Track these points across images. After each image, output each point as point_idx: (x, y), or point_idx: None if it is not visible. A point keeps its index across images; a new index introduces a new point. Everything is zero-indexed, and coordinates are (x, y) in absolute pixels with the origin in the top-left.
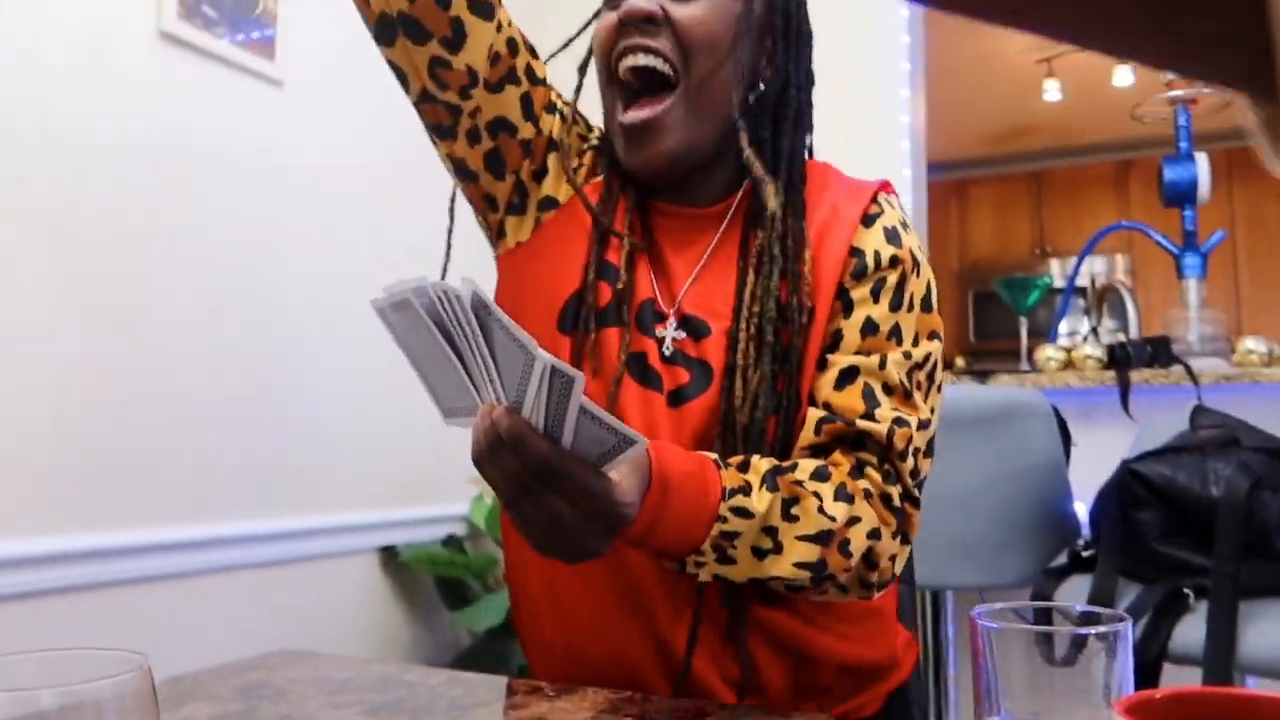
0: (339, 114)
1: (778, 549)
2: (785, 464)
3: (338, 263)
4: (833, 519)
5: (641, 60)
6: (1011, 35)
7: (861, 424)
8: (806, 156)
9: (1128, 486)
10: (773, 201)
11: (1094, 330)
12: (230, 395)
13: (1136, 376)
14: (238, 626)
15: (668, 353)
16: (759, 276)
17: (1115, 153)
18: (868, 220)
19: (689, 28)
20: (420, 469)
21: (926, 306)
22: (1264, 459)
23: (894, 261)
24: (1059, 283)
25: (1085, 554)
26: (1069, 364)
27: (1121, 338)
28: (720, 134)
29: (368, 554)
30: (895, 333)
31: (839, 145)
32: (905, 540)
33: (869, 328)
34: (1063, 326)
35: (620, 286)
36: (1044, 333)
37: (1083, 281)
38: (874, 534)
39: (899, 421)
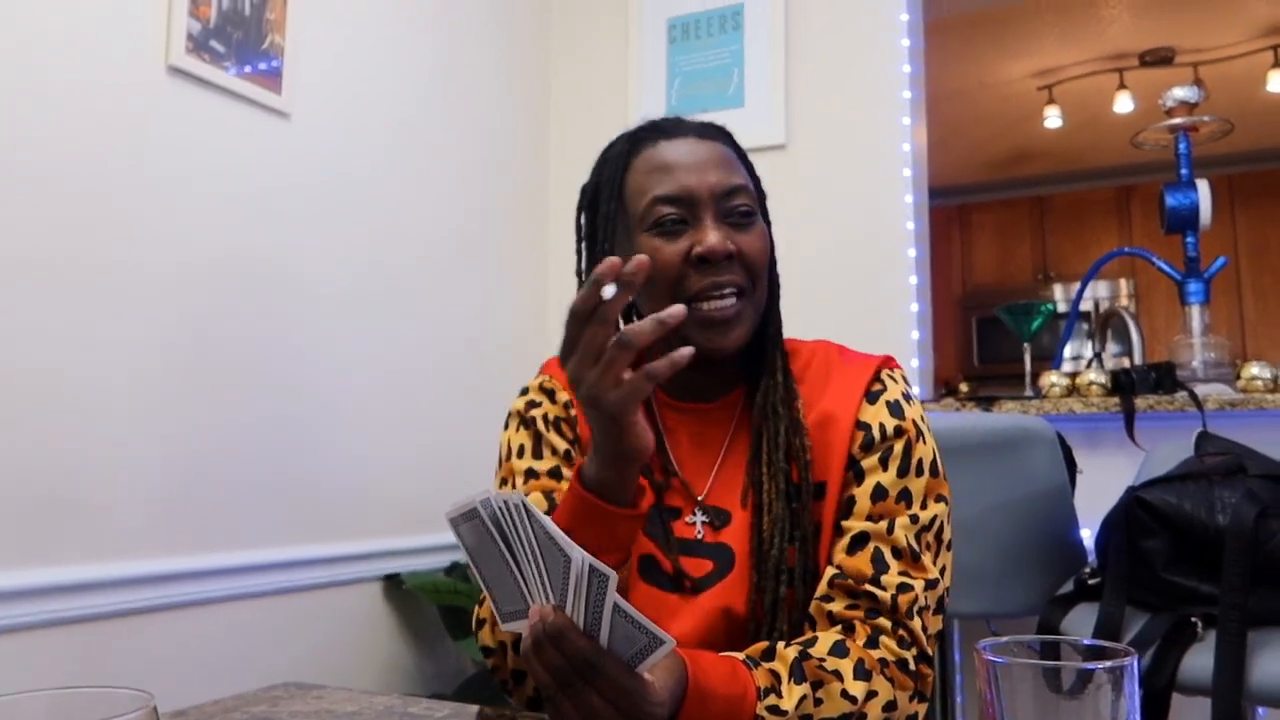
0: (346, 146)
1: None
2: (807, 640)
3: (345, 293)
4: (853, 700)
5: (729, 304)
6: (1013, 63)
7: (868, 588)
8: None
9: (1134, 514)
10: (772, 393)
11: (1098, 356)
12: (233, 425)
13: (1141, 403)
14: (240, 656)
15: (699, 538)
16: (770, 462)
17: (1117, 178)
18: (871, 397)
19: (754, 257)
20: (423, 498)
21: (934, 471)
22: (1270, 486)
23: (898, 432)
24: (1062, 308)
25: (1092, 582)
26: (1073, 390)
27: (1126, 363)
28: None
29: (371, 583)
30: (904, 496)
31: (843, 173)
32: (923, 699)
33: (878, 493)
34: (1066, 352)
35: (659, 481)
36: (1048, 358)
37: (1086, 306)
38: (890, 706)
39: (903, 587)
